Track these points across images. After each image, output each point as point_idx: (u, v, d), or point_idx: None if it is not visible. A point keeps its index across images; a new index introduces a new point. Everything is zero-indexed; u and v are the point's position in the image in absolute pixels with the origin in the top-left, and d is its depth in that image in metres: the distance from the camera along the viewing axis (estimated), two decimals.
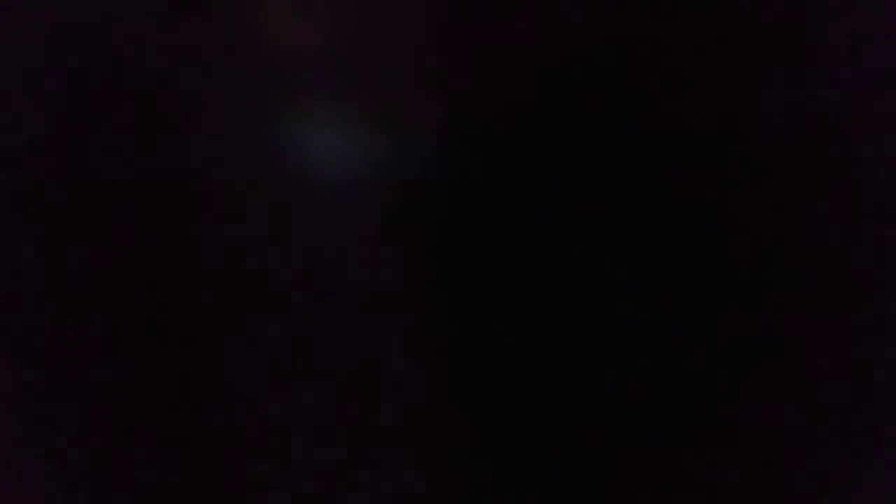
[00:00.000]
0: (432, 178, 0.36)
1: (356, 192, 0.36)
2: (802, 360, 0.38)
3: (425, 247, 0.36)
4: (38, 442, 0.39)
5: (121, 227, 0.38)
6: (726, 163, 0.37)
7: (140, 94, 0.37)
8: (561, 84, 0.36)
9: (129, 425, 0.38)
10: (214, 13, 0.37)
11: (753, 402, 0.37)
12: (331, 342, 0.37)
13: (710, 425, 0.37)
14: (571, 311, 0.36)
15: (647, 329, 0.36)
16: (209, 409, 0.37)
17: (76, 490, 0.39)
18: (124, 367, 0.38)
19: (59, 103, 0.38)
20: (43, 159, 0.38)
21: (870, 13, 0.39)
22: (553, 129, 0.36)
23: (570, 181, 0.36)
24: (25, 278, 0.39)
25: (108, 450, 0.38)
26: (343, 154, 0.37)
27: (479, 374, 0.36)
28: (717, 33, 0.37)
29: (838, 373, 0.38)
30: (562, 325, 0.36)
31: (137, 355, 0.38)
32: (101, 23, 0.38)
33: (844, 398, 0.38)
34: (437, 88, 0.36)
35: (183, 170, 0.37)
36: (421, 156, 0.36)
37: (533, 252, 0.36)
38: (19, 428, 0.39)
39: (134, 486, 0.38)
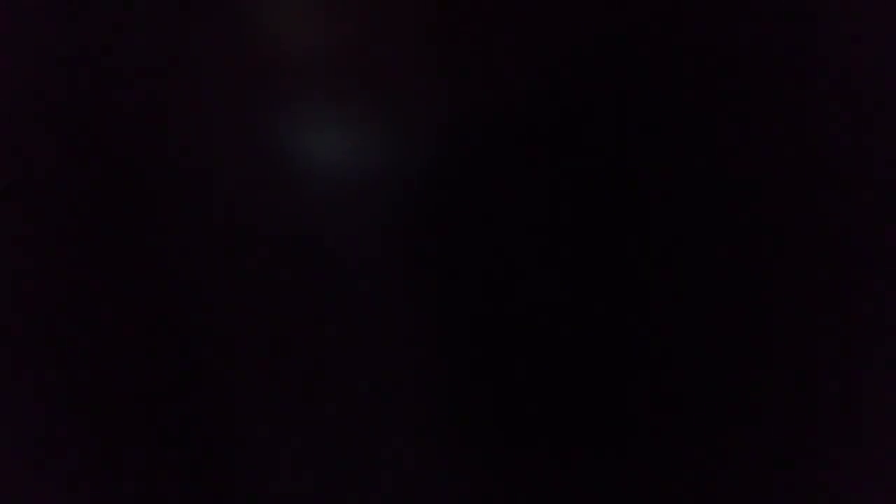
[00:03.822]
0: (432, 178, 0.36)
1: (356, 191, 0.36)
2: (802, 360, 0.38)
3: (425, 246, 0.36)
4: (37, 442, 0.39)
5: (121, 228, 0.38)
6: (725, 163, 0.37)
7: (140, 94, 0.37)
8: (561, 84, 0.36)
9: (129, 426, 0.38)
10: (215, 14, 0.37)
11: (752, 403, 0.37)
12: (331, 341, 0.37)
13: (709, 426, 0.37)
14: (572, 311, 0.36)
15: (647, 328, 0.36)
16: (209, 409, 0.37)
17: (75, 490, 0.39)
18: (124, 368, 0.38)
19: (60, 104, 0.38)
20: (43, 160, 0.38)
21: (872, 13, 0.39)
22: (553, 129, 0.36)
23: (570, 181, 0.36)
24: (26, 278, 0.39)
25: (108, 450, 0.38)
26: (343, 154, 0.37)
27: (480, 374, 0.36)
28: (717, 32, 0.37)
29: (838, 372, 0.38)
30: (563, 325, 0.36)
31: (137, 356, 0.38)
32: (102, 23, 0.38)
33: (844, 397, 0.38)
34: (438, 88, 0.36)
35: (183, 170, 0.37)
36: (421, 156, 0.36)
37: (533, 252, 0.36)
38: (19, 428, 0.39)
39: (133, 487, 0.38)
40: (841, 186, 0.38)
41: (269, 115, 0.37)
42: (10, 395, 0.39)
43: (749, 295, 0.37)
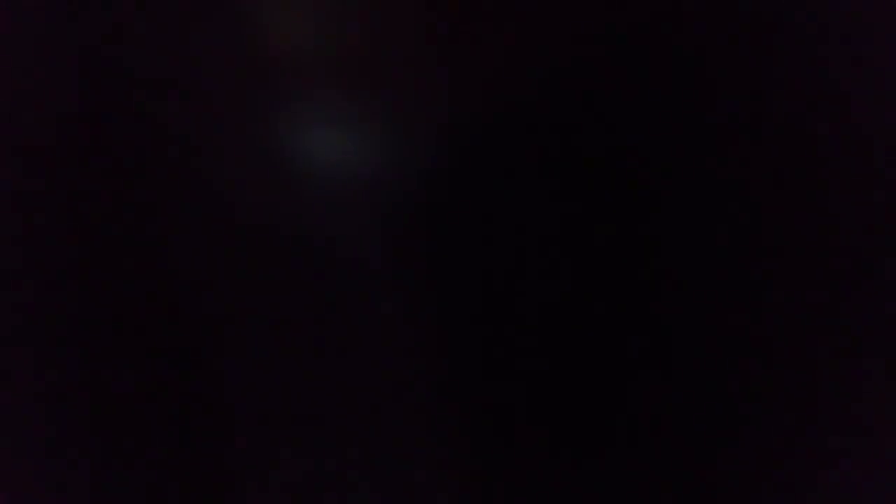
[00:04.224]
0: (432, 178, 0.36)
1: (356, 191, 0.36)
2: (802, 360, 0.38)
3: (425, 246, 0.36)
4: (37, 441, 0.39)
5: (120, 228, 0.38)
6: (725, 163, 0.37)
7: (140, 92, 0.37)
8: (561, 84, 0.36)
9: (128, 426, 0.38)
10: (215, 13, 0.37)
11: (752, 403, 0.37)
12: (331, 341, 0.37)
13: (708, 426, 0.37)
14: (573, 311, 0.36)
15: (648, 329, 0.36)
16: (208, 408, 0.37)
17: (74, 490, 0.39)
18: (123, 367, 0.38)
19: (60, 102, 0.38)
20: (42, 158, 0.38)
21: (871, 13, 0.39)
22: (553, 129, 0.36)
23: (570, 181, 0.36)
24: (25, 277, 0.39)
25: (107, 450, 0.38)
26: (343, 154, 0.37)
27: (480, 374, 0.36)
28: (718, 33, 0.37)
29: (838, 373, 0.38)
30: (563, 325, 0.36)
31: (137, 355, 0.38)
32: (102, 22, 0.38)
33: (844, 398, 0.38)
34: (438, 89, 0.36)
35: (182, 170, 0.37)
36: (421, 156, 0.36)
37: (533, 252, 0.36)
38: (18, 427, 0.39)
39: (133, 487, 0.38)
40: (841, 186, 0.38)
41: (269, 115, 0.37)
42: (10, 395, 0.39)
43: (748, 295, 0.37)
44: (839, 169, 0.38)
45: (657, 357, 0.37)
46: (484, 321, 0.36)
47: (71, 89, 0.38)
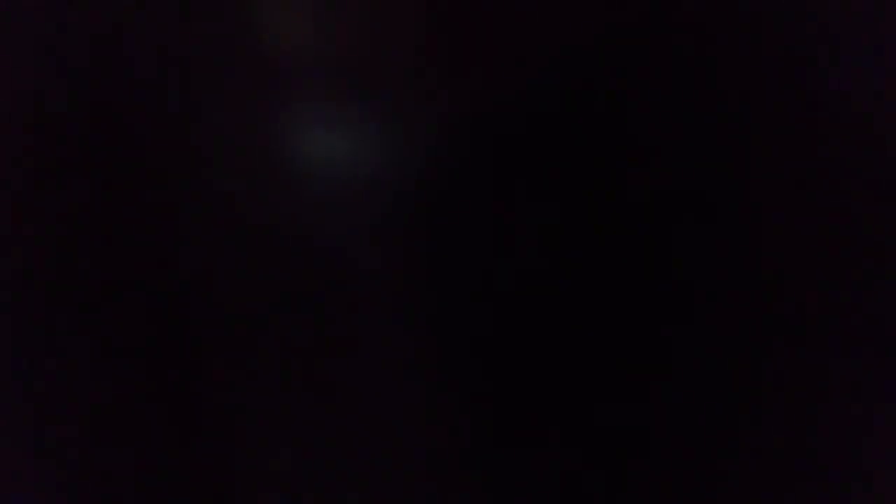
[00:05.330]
0: (432, 178, 0.36)
1: (355, 191, 0.36)
2: (803, 360, 0.38)
3: (425, 246, 0.36)
4: (37, 441, 0.39)
5: (119, 229, 0.38)
6: (726, 163, 0.37)
7: (140, 91, 0.37)
8: (561, 84, 0.36)
9: (126, 426, 0.38)
10: (215, 13, 0.37)
11: (753, 404, 0.37)
12: (331, 342, 0.37)
13: (710, 429, 0.37)
14: (573, 310, 0.36)
15: (649, 330, 0.36)
16: (208, 409, 0.37)
17: (74, 490, 0.39)
18: (121, 367, 0.38)
19: (59, 100, 0.38)
20: (41, 156, 0.38)
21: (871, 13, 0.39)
22: (553, 129, 0.36)
23: (570, 181, 0.36)
24: (25, 276, 0.39)
25: (107, 450, 0.38)
26: (342, 154, 0.37)
27: (480, 374, 0.36)
28: (719, 31, 0.37)
29: (839, 373, 0.38)
30: (563, 325, 0.36)
31: (136, 354, 0.38)
32: (102, 20, 0.38)
33: (845, 397, 0.38)
34: (437, 88, 0.36)
35: (182, 170, 0.37)
36: (420, 156, 0.36)
37: (533, 252, 0.36)
38: (19, 426, 0.39)
39: (132, 486, 0.38)
40: (841, 186, 0.38)
41: (270, 115, 0.37)
42: (10, 395, 0.39)
43: (749, 296, 0.37)
44: (839, 168, 0.38)
45: (658, 357, 0.37)
46: (483, 321, 0.36)
47: (70, 88, 0.38)
